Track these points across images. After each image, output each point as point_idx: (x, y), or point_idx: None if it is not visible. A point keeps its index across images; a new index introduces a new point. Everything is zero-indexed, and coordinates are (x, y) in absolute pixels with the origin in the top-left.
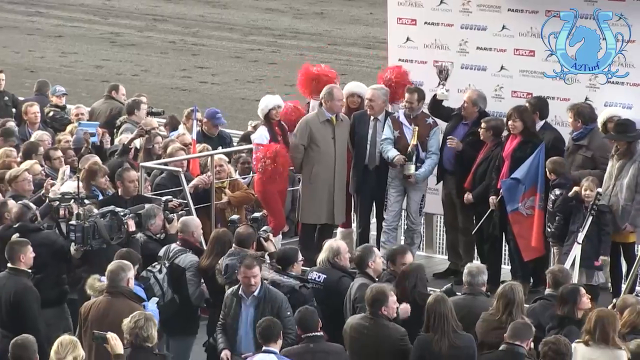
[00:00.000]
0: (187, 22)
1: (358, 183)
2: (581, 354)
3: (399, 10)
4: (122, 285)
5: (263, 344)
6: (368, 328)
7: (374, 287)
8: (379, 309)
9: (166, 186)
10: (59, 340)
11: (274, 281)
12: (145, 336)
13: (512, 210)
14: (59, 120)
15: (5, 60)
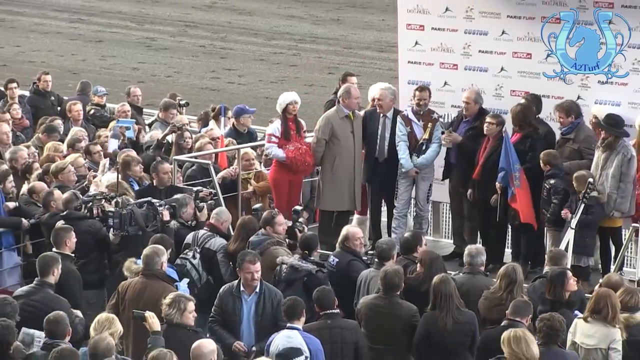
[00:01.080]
0: (216, 28)
1: (369, 174)
2: (580, 329)
3: (409, 17)
4: (156, 268)
5: (288, 321)
6: (383, 306)
7: (389, 270)
8: (393, 290)
9: (196, 177)
10: (97, 318)
11: (292, 265)
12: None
13: (510, 195)
14: (100, 118)
15: (51, 63)
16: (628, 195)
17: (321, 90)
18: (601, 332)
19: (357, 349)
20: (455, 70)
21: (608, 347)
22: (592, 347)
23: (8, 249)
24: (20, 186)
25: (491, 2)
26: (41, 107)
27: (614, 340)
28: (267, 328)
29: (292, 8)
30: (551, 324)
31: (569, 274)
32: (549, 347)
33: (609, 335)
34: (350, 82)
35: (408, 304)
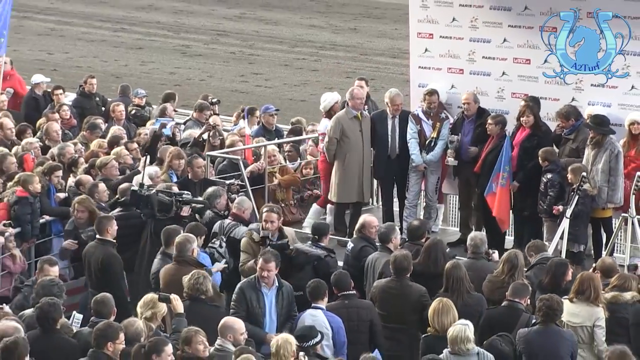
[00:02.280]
0: (245, 37)
1: (382, 170)
2: (566, 309)
3: (419, 26)
4: (187, 254)
5: (312, 302)
6: (394, 288)
7: (398, 254)
8: (402, 273)
9: (227, 171)
10: (142, 298)
11: (303, 251)
12: (202, 290)
13: (487, 193)
14: (140, 117)
15: (96, 68)
16: (618, 187)
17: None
18: (586, 311)
19: (372, 326)
20: (461, 75)
21: (593, 325)
22: (578, 325)
23: (57, 235)
24: (66, 179)
25: (494, 13)
26: (87, 108)
27: (598, 318)
28: (285, 318)
29: (314, 18)
30: (550, 304)
31: (569, 265)
32: (547, 325)
33: (593, 314)
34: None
35: (418, 285)
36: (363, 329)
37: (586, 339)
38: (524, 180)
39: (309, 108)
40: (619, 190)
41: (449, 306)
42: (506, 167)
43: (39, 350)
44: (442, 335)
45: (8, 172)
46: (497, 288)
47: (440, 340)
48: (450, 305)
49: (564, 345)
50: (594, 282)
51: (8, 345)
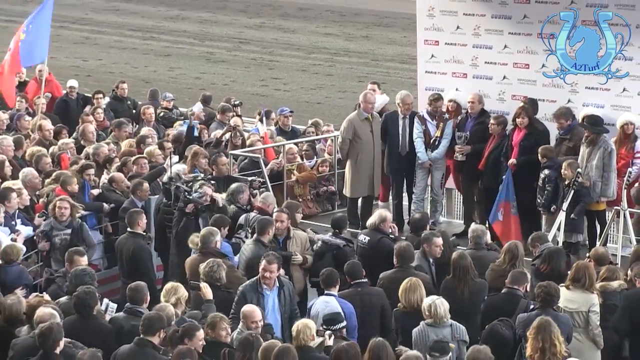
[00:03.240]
0: (265, 44)
1: (393, 167)
2: (563, 296)
3: (426, 34)
4: (211, 246)
5: (325, 289)
6: (401, 277)
7: (400, 246)
8: (406, 262)
9: (248, 169)
10: (165, 286)
11: (324, 240)
12: (217, 277)
13: (493, 220)
14: (168, 119)
15: (127, 74)
16: (611, 182)
17: (353, 96)
18: (581, 298)
19: (383, 311)
20: (465, 79)
21: (588, 310)
22: (574, 311)
23: (92, 228)
24: (100, 177)
25: (495, 21)
26: (119, 111)
27: (593, 304)
28: (289, 316)
29: (329, 27)
30: (547, 290)
31: (564, 254)
32: (545, 310)
33: (589, 300)
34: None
35: (422, 274)
36: (374, 314)
37: (582, 324)
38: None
39: (324, 110)
40: (612, 185)
41: (417, 285)
42: (514, 197)
43: (76, 335)
44: (409, 311)
45: (44, 170)
46: (499, 276)
47: (408, 315)
48: (418, 284)
49: (560, 328)
50: (589, 271)
51: (43, 331)
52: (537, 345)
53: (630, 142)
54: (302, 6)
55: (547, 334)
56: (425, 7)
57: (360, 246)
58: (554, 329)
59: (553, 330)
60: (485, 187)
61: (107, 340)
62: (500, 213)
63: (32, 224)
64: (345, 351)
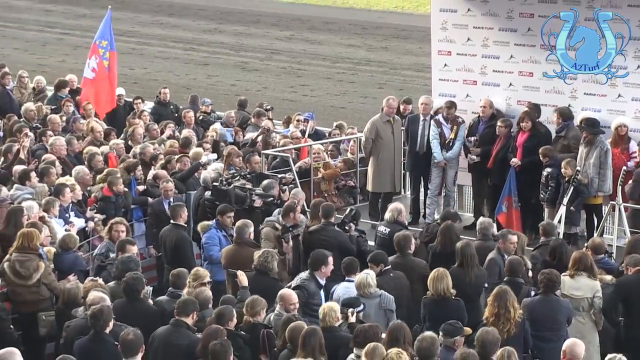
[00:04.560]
0: (294, 54)
1: (411, 164)
2: (568, 284)
3: (439, 45)
4: (245, 237)
5: (346, 275)
6: (401, 264)
7: (399, 235)
8: (404, 250)
9: (279, 167)
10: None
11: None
12: (269, 267)
13: (497, 212)
14: (206, 122)
15: (170, 81)
16: (607, 179)
17: (373, 101)
18: (586, 285)
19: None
20: (475, 86)
21: (593, 296)
22: (580, 297)
23: (138, 220)
24: (145, 174)
25: (502, 34)
26: (162, 114)
27: (597, 290)
28: None
29: (352, 39)
30: (550, 277)
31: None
32: (547, 295)
33: (593, 286)
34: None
35: (419, 260)
36: (405, 294)
37: (586, 308)
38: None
39: (347, 114)
40: (608, 181)
41: (444, 274)
42: (515, 192)
43: (125, 316)
44: (437, 298)
45: (96, 167)
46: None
47: (436, 302)
48: (445, 274)
49: (561, 311)
50: (588, 259)
51: (95, 313)
52: (493, 310)
53: (624, 143)
54: (328, 20)
55: (502, 301)
56: (439, 21)
57: (380, 237)
58: (509, 297)
59: (508, 298)
60: (493, 183)
61: (153, 321)
62: (505, 206)
63: (83, 216)
64: (365, 331)
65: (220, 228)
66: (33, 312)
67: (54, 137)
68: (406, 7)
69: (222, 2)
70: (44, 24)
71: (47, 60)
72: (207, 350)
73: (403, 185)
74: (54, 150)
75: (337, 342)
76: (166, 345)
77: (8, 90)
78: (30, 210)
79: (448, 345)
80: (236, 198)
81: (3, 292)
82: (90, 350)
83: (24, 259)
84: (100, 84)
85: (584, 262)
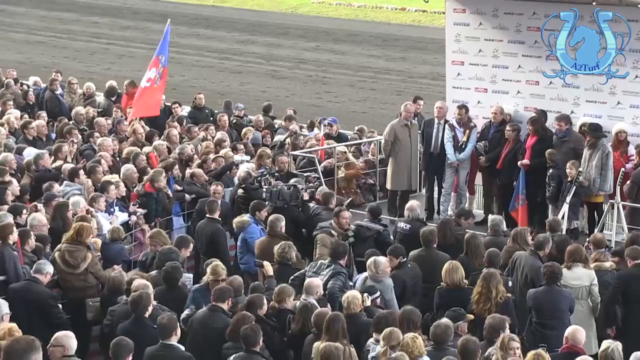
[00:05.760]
0: (319, 64)
1: (427, 164)
2: (566, 275)
3: (453, 56)
4: (277, 230)
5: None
6: (425, 257)
7: (425, 230)
8: (429, 244)
9: (305, 167)
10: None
11: (366, 226)
12: (287, 257)
13: (511, 209)
14: (240, 126)
15: (205, 88)
16: (607, 179)
17: (392, 107)
18: (584, 275)
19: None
20: (486, 93)
21: (590, 284)
22: (578, 286)
23: (176, 215)
24: (183, 172)
25: (511, 46)
26: (199, 118)
27: (593, 278)
28: None
29: (372, 50)
30: (552, 269)
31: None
32: (550, 286)
33: (590, 275)
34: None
35: (442, 253)
36: (418, 284)
37: (584, 296)
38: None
39: (368, 118)
40: (608, 182)
41: (458, 266)
42: (523, 191)
43: (164, 302)
44: (452, 288)
45: (139, 166)
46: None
47: (451, 291)
48: (458, 265)
49: (564, 301)
50: (582, 251)
51: (135, 299)
52: (479, 290)
53: (623, 147)
54: (351, 32)
55: (487, 282)
56: (453, 34)
57: (401, 232)
58: (493, 279)
59: (492, 280)
60: (502, 183)
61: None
62: (517, 203)
63: (127, 211)
64: (385, 317)
65: (257, 222)
66: (81, 298)
67: (101, 138)
68: (423, 21)
69: (254, 15)
70: (91, 35)
71: (94, 68)
72: (235, 334)
73: (419, 183)
74: (102, 150)
75: (359, 327)
76: (203, 327)
77: (58, 95)
78: (77, 205)
79: (455, 331)
80: (289, 196)
81: (54, 280)
82: (132, 332)
83: (73, 249)
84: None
85: (579, 253)
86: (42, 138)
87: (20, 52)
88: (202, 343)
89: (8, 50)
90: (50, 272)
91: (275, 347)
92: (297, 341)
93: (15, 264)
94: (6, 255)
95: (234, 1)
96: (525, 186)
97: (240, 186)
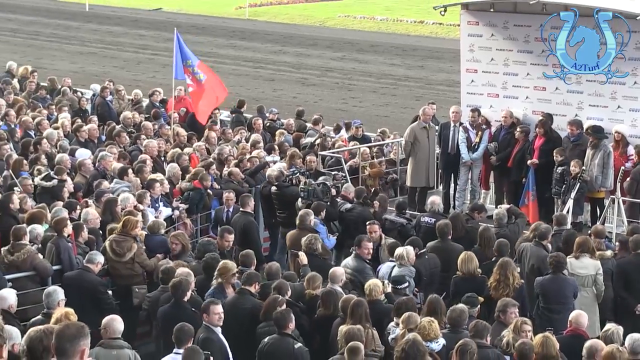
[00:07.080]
0: (345, 72)
1: (443, 163)
2: (574, 265)
3: (467, 64)
4: (306, 223)
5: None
6: (441, 248)
7: (441, 223)
8: (445, 236)
9: (333, 165)
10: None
11: (391, 220)
12: (314, 248)
13: (521, 204)
14: (273, 128)
15: (241, 94)
16: (609, 177)
17: (412, 111)
18: (590, 264)
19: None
20: (497, 98)
21: (596, 273)
22: (585, 275)
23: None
24: (221, 171)
25: (520, 55)
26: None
27: (599, 268)
28: None
29: (394, 59)
30: (557, 259)
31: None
32: (556, 274)
33: (596, 265)
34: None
35: (457, 245)
36: (436, 273)
37: (590, 284)
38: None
39: (389, 121)
40: (609, 178)
41: (472, 256)
42: (534, 187)
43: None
44: (467, 277)
45: (182, 165)
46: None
47: (466, 280)
48: (472, 256)
49: (568, 288)
50: (590, 243)
51: (175, 284)
52: (495, 277)
53: (622, 147)
54: (374, 43)
55: (503, 269)
56: (467, 44)
57: (425, 226)
58: (508, 267)
59: (508, 268)
60: (512, 180)
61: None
62: (527, 199)
63: (170, 206)
64: (405, 303)
65: (322, 222)
66: (128, 285)
67: (147, 140)
68: (439, 32)
69: (285, 28)
70: (137, 46)
71: (140, 77)
72: (268, 315)
73: (436, 181)
74: (148, 151)
75: (381, 312)
76: (234, 308)
77: (107, 101)
78: (126, 201)
79: (471, 315)
80: (322, 194)
81: (104, 268)
82: (171, 315)
83: (120, 239)
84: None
85: (587, 245)
86: (94, 140)
87: (74, 62)
88: (232, 322)
89: (62, 60)
90: (100, 261)
91: (305, 328)
92: (323, 324)
93: (69, 255)
94: (61, 246)
95: (267, 15)
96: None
97: (272, 184)
